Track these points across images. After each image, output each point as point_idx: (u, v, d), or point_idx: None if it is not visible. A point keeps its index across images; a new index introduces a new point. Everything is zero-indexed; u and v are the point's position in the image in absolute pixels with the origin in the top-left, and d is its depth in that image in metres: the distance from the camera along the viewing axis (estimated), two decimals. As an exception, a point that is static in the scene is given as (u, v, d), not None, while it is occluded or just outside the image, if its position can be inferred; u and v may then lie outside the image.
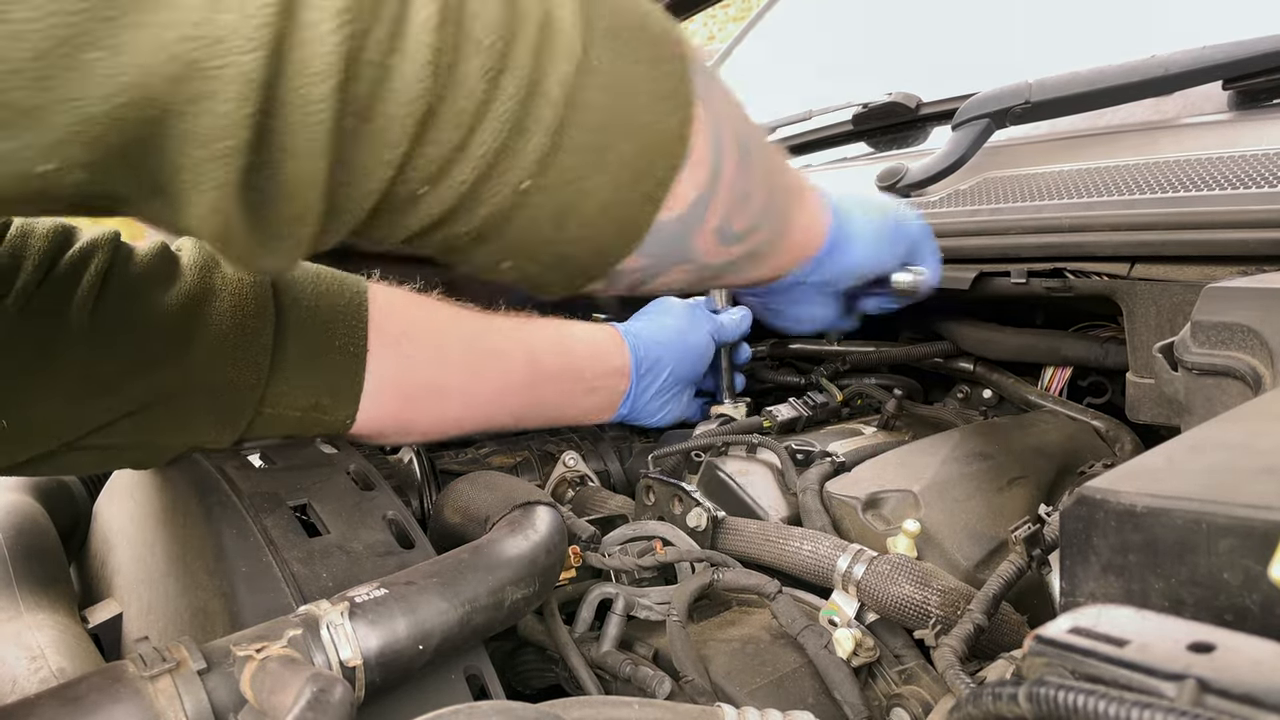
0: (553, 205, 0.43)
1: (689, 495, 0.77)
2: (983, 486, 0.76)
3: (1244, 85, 0.93)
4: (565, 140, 0.41)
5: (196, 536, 0.64)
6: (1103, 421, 0.89)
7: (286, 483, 0.67)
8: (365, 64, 0.35)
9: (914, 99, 1.26)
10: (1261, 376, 0.53)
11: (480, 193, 0.41)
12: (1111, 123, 1.02)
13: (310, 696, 0.42)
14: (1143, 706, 0.27)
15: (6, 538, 0.80)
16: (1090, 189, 0.88)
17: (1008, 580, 0.60)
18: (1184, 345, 0.59)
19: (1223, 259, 0.75)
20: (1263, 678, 0.26)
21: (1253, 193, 0.75)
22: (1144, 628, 0.31)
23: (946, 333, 1.03)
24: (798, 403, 0.98)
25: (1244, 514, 0.31)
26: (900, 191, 1.07)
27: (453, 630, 0.53)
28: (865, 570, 0.64)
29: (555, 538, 0.64)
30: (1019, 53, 1.33)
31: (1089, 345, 0.92)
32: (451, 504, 0.72)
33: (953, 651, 0.54)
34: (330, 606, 0.51)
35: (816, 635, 0.63)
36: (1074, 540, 0.36)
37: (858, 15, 1.71)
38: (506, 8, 0.38)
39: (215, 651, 0.47)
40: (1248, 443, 0.39)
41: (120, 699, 0.44)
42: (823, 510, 0.76)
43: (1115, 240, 0.81)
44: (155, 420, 0.67)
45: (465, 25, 0.37)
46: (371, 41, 0.34)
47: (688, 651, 0.62)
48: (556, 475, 0.94)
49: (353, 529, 0.64)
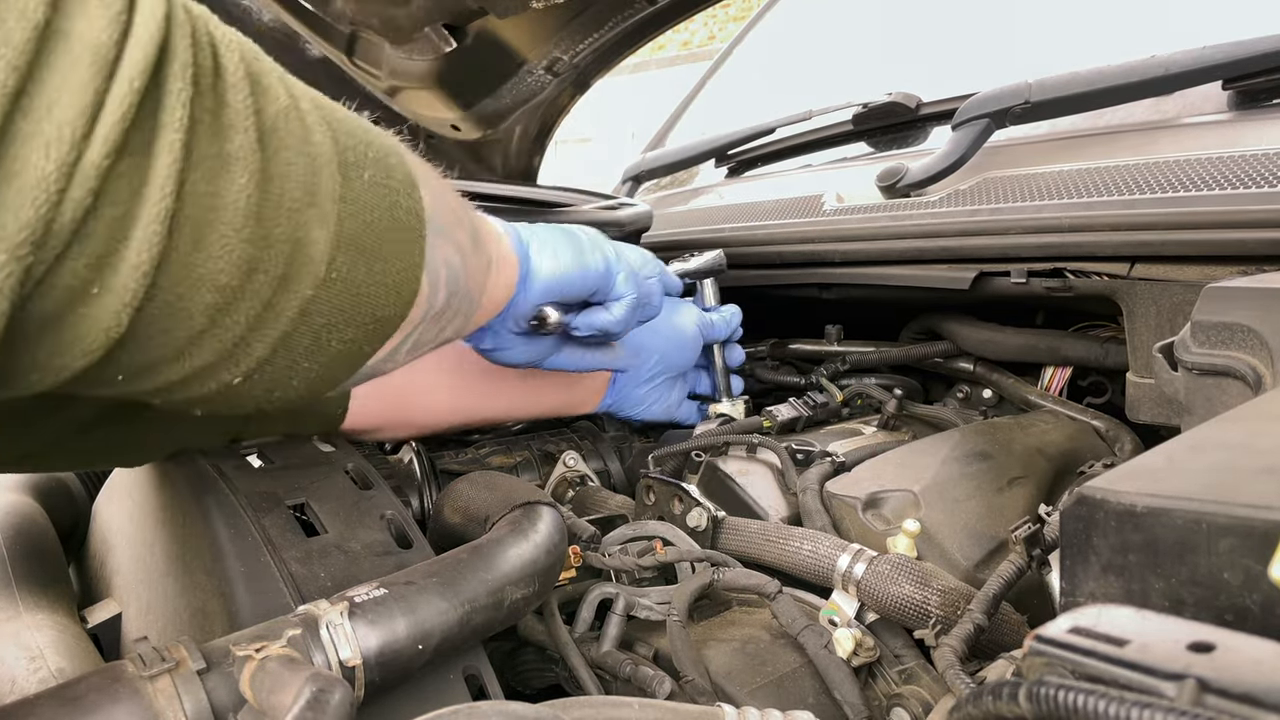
0: (264, 387, 0.45)
1: (689, 495, 0.77)
2: (983, 486, 0.76)
3: (1244, 85, 0.93)
4: (287, 344, 0.43)
5: (195, 536, 0.64)
6: (1103, 421, 0.89)
7: (285, 482, 0.67)
8: (62, 288, 0.34)
9: (914, 99, 1.26)
10: (1261, 376, 0.53)
11: (194, 387, 0.42)
12: (1111, 123, 1.02)
13: (310, 696, 0.42)
14: (1143, 706, 0.27)
15: (6, 538, 0.80)
16: (1090, 189, 0.88)
17: (1008, 580, 0.60)
18: (1184, 345, 0.59)
19: (1222, 259, 0.75)
20: (1263, 678, 0.26)
21: (1252, 193, 0.75)
22: (1144, 628, 0.31)
23: (946, 333, 1.03)
24: (798, 403, 0.98)
25: (1244, 514, 0.31)
26: (900, 191, 1.07)
27: (452, 630, 0.53)
28: (865, 570, 0.64)
29: (555, 538, 0.64)
30: (1019, 53, 1.33)
31: (1089, 345, 0.92)
32: (451, 504, 0.72)
33: (953, 651, 0.54)
34: (330, 606, 0.51)
35: (816, 635, 0.62)
36: (1074, 540, 0.36)
37: (857, 15, 1.71)
38: (252, 244, 0.38)
39: (214, 651, 0.47)
40: (1248, 443, 0.39)
41: (120, 699, 0.44)
42: (823, 510, 0.76)
43: (1115, 240, 0.81)
44: (144, 418, 0.67)
45: (193, 269, 0.37)
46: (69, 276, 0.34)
47: (688, 651, 0.62)
48: (556, 475, 0.94)
49: (351, 528, 0.64)
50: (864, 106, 1.30)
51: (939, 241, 0.94)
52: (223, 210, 0.37)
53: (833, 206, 1.14)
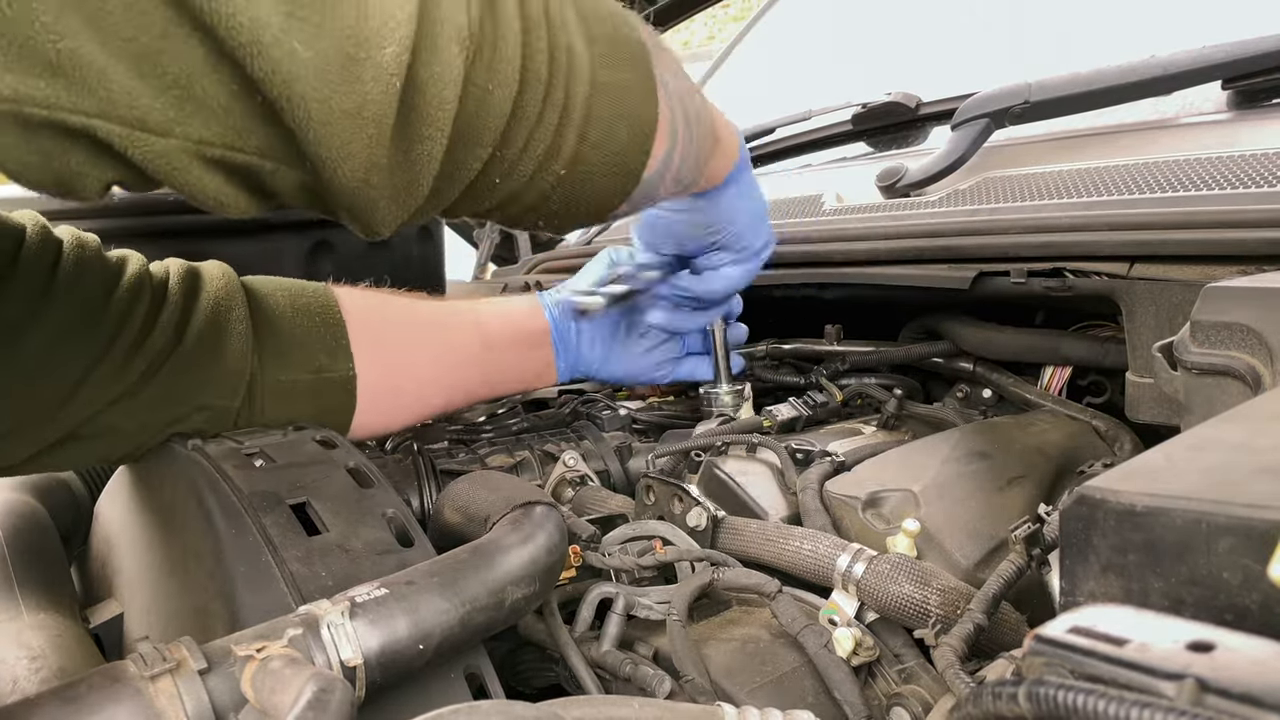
0: (577, 182, 0.59)
1: (689, 495, 0.77)
2: (983, 486, 0.76)
3: (1243, 85, 0.93)
4: (585, 139, 0.56)
5: (196, 536, 0.64)
6: (1102, 421, 0.89)
7: (285, 480, 0.67)
8: (472, 86, 0.48)
9: (914, 99, 1.26)
10: (1261, 376, 0.54)
11: (535, 181, 0.56)
12: (1111, 123, 1.02)
13: (311, 696, 0.42)
14: (1142, 706, 0.27)
15: (6, 538, 0.80)
16: (1090, 189, 0.88)
17: (1008, 580, 0.60)
18: (1183, 345, 0.59)
19: (1222, 258, 0.75)
20: (1262, 677, 0.26)
21: (1252, 192, 0.75)
22: (1143, 627, 0.31)
23: (946, 333, 1.03)
24: (798, 402, 0.98)
25: (1244, 514, 0.31)
26: (900, 191, 1.07)
27: (453, 630, 0.53)
28: (865, 569, 0.64)
29: (555, 537, 0.64)
30: (1019, 53, 1.33)
31: (1089, 345, 0.92)
32: (451, 504, 0.72)
33: (953, 651, 0.54)
34: (330, 606, 0.51)
35: (816, 634, 0.63)
36: (1074, 540, 0.36)
37: (857, 15, 1.71)
38: (543, 51, 0.51)
39: (216, 651, 0.47)
40: (1248, 442, 0.39)
41: (121, 699, 0.44)
42: (823, 510, 0.76)
43: (1115, 240, 0.81)
44: (151, 398, 0.70)
45: (528, 65, 0.50)
46: (479, 70, 0.48)
47: (688, 651, 0.62)
48: (556, 475, 0.94)
49: (352, 527, 0.64)
50: (864, 106, 1.30)
51: (938, 241, 0.94)
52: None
53: (832, 206, 1.14)
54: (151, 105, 0.41)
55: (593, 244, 1.54)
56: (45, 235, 0.68)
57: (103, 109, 0.40)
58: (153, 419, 0.71)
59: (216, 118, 0.42)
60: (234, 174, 0.46)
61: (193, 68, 0.41)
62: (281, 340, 0.77)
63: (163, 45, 0.40)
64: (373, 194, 0.48)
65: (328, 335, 0.80)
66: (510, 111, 0.50)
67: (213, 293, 0.75)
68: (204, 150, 0.43)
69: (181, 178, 0.44)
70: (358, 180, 0.47)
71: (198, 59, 0.40)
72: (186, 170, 0.44)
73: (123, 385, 0.68)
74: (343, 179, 0.46)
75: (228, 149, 0.44)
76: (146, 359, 0.69)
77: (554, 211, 0.61)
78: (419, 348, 0.89)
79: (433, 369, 0.90)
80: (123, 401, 0.69)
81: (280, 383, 0.77)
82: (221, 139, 0.43)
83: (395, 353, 0.86)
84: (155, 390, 0.70)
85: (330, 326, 0.81)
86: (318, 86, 0.42)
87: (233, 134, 0.43)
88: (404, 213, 0.52)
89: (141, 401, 0.70)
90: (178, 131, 0.42)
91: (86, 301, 0.68)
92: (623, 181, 0.62)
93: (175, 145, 0.42)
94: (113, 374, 0.68)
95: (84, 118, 0.40)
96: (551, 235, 0.72)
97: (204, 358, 0.72)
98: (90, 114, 0.40)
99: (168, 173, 0.43)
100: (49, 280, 0.67)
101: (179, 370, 0.71)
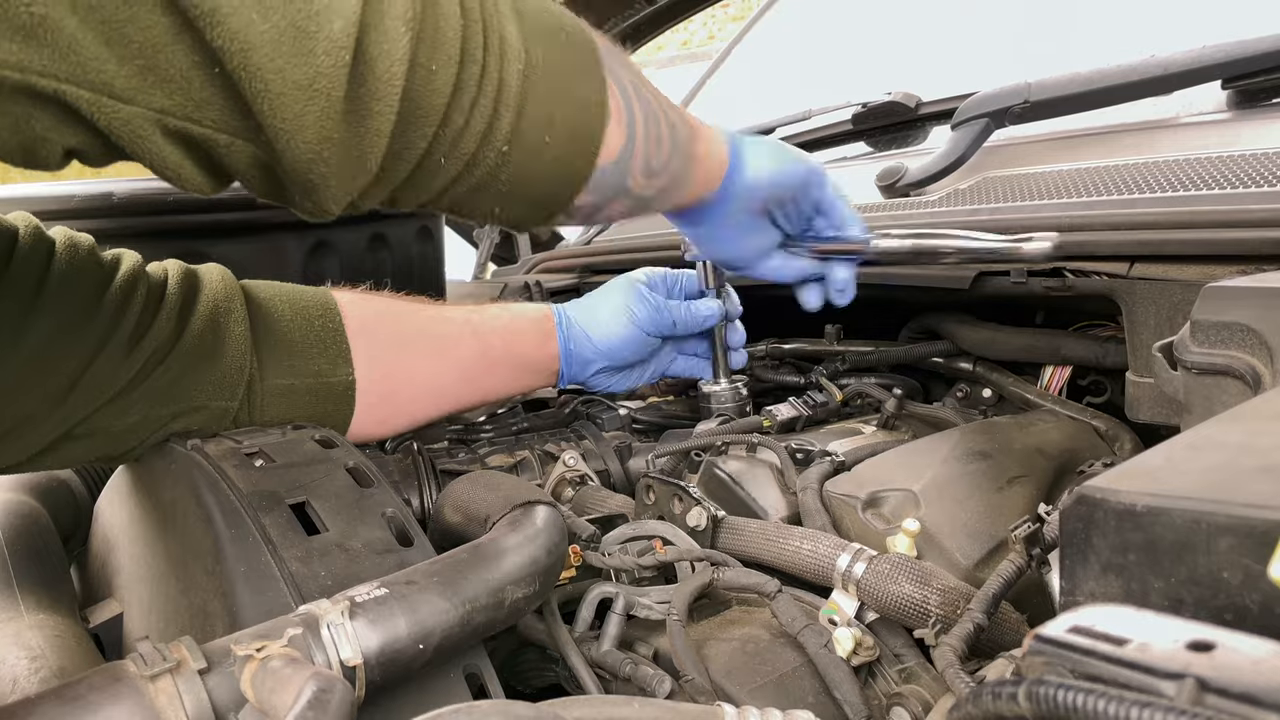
0: (523, 160, 0.59)
1: (689, 494, 0.77)
2: (983, 486, 0.76)
3: (1243, 85, 0.93)
4: (524, 115, 0.57)
5: (195, 536, 0.64)
6: (1102, 421, 0.89)
7: (285, 480, 0.67)
8: (418, 65, 0.50)
9: (914, 99, 1.26)
10: (1261, 376, 0.54)
11: (477, 158, 0.57)
12: (1111, 122, 1.02)
13: (311, 696, 0.42)
14: (1142, 705, 0.27)
15: (6, 538, 0.80)
16: (1090, 188, 0.88)
17: (1007, 579, 0.60)
18: (1183, 344, 0.59)
19: (1222, 258, 0.75)
20: (1262, 677, 0.26)
21: (1252, 192, 0.75)
22: (1143, 627, 0.31)
23: (946, 333, 1.03)
24: (798, 402, 0.98)
25: (1244, 513, 0.31)
26: (900, 191, 1.07)
27: (453, 630, 0.53)
28: (865, 569, 0.64)
29: (555, 537, 0.64)
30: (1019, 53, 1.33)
31: (1089, 345, 0.92)
32: (451, 504, 0.72)
33: (952, 650, 0.54)
34: (330, 606, 0.51)
35: (816, 634, 0.63)
36: (1074, 539, 0.36)
37: (857, 15, 1.71)
38: (478, 34, 0.53)
39: (215, 651, 0.47)
40: (1247, 442, 0.39)
41: (121, 699, 0.44)
42: (823, 510, 0.76)
43: (1115, 239, 0.81)
44: (148, 395, 0.71)
45: (466, 47, 0.52)
46: (423, 49, 0.50)
47: (688, 651, 0.62)
48: (556, 475, 0.94)
49: (352, 526, 0.64)
50: (863, 106, 1.30)
51: (939, 241, 0.94)
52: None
53: (832, 206, 1.14)
54: (117, 72, 0.43)
55: (592, 244, 1.54)
56: (38, 236, 0.69)
57: (73, 74, 0.42)
58: (150, 416, 0.71)
59: (179, 88, 0.45)
60: (192, 147, 0.48)
61: (157, 37, 0.43)
62: (281, 344, 0.78)
63: (130, 14, 0.42)
64: (324, 170, 0.50)
65: (328, 341, 0.81)
66: (451, 90, 0.52)
67: (212, 294, 0.75)
68: (165, 120, 0.45)
69: (144, 145, 0.46)
70: (311, 153, 0.49)
71: (162, 28, 0.43)
72: (149, 138, 0.46)
73: (120, 381, 0.69)
74: (296, 150, 0.48)
75: (187, 120, 0.46)
76: (143, 355, 0.70)
77: (504, 193, 0.61)
78: (418, 356, 0.89)
79: (430, 378, 0.90)
80: (120, 398, 0.69)
81: (279, 386, 0.77)
82: (181, 109, 0.45)
83: (394, 360, 0.86)
84: (152, 387, 0.70)
85: (330, 332, 0.81)
86: (273, 57, 0.44)
87: (192, 105, 0.46)
88: (353, 190, 0.54)
89: (138, 398, 0.70)
90: (140, 100, 0.44)
91: (80, 299, 0.68)
92: (574, 165, 0.63)
93: (139, 113, 0.44)
94: (109, 370, 0.68)
95: (55, 82, 0.42)
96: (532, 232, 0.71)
97: (202, 357, 0.73)
98: (61, 78, 0.42)
99: (131, 140, 0.45)
100: (42, 280, 0.67)
101: (177, 368, 0.71)
